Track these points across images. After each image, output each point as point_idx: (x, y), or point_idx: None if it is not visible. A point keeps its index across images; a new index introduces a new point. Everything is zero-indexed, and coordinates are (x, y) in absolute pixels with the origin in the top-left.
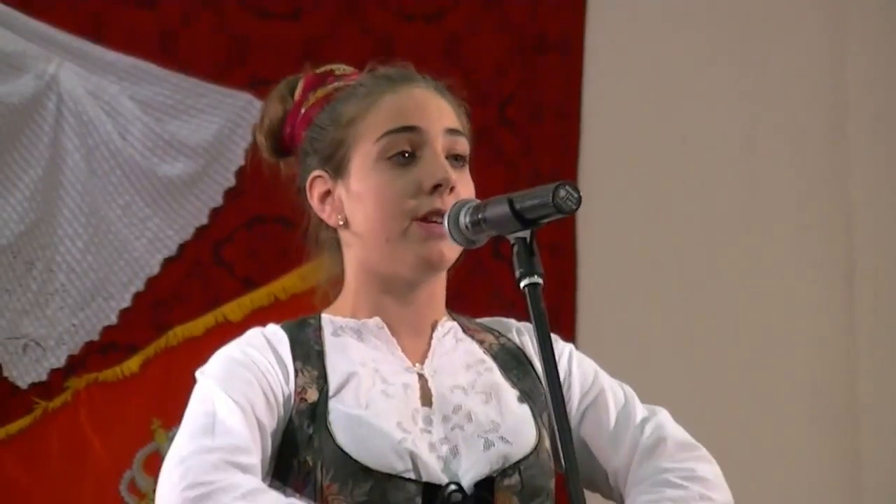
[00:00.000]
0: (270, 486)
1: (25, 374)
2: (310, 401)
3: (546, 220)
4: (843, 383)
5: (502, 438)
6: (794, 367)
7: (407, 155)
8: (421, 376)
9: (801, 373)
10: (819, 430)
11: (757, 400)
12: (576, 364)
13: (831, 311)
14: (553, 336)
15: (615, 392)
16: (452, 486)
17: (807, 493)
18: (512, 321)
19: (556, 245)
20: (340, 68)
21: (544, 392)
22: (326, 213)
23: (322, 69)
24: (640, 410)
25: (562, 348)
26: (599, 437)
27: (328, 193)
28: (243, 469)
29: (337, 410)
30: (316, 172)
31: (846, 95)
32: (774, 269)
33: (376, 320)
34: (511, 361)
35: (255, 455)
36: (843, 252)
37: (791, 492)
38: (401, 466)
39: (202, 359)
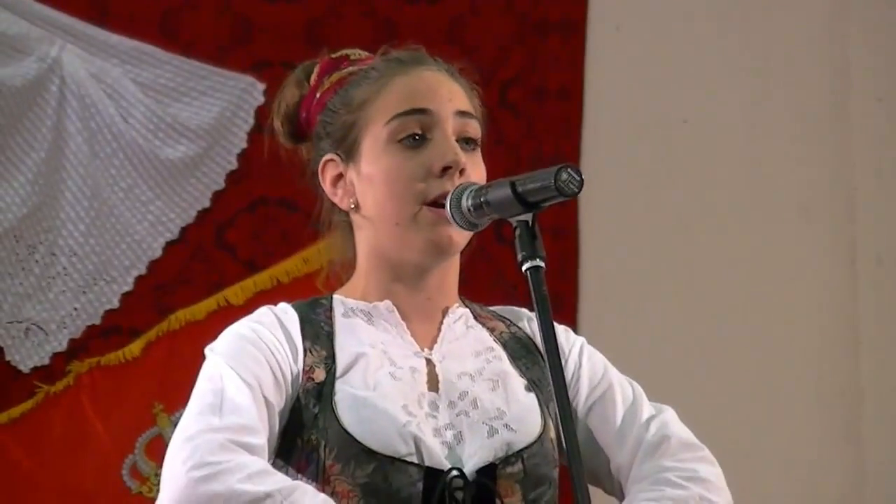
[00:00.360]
0: (274, 464)
1: (28, 358)
2: (317, 380)
3: (548, 204)
4: (846, 369)
5: (507, 426)
6: (797, 353)
7: (417, 137)
8: (429, 361)
9: (804, 358)
10: (822, 416)
11: (759, 386)
12: (586, 357)
13: (834, 296)
14: (565, 328)
15: (623, 388)
16: (454, 472)
17: (809, 477)
18: (524, 310)
19: (558, 228)
20: (356, 53)
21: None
22: (338, 197)
23: (337, 54)
24: (647, 408)
25: (573, 340)
26: (605, 433)
27: (340, 177)
28: (250, 449)
29: (343, 391)
30: (328, 156)
31: (849, 79)
32: (777, 253)
33: (387, 304)
34: (520, 350)
35: (262, 435)
36: (845, 236)
37: (793, 476)
38: (404, 450)
39: (204, 342)
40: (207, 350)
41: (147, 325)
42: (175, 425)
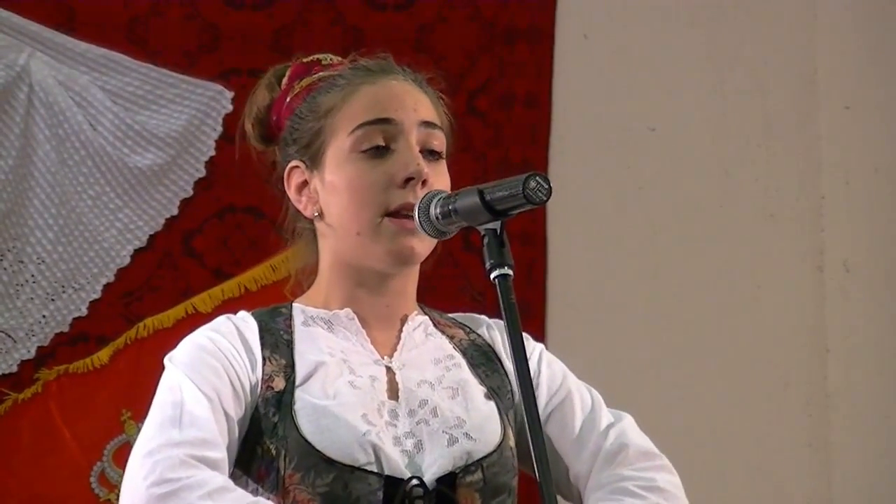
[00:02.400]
0: (233, 474)
1: None
2: (276, 389)
3: (516, 211)
4: (814, 376)
5: (467, 435)
6: (765, 360)
7: (380, 148)
8: (389, 369)
9: (772, 365)
10: (789, 423)
11: (727, 393)
12: (545, 364)
13: (801, 303)
14: (524, 335)
15: (582, 396)
16: (414, 481)
17: (777, 485)
18: (483, 317)
19: (526, 234)
20: (327, 58)
21: (511, 390)
22: (303, 204)
23: (309, 58)
24: (606, 416)
25: (532, 347)
26: (564, 440)
27: (305, 184)
28: (210, 464)
29: (303, 400)
30: (293, 162)
31: (816, 86)
32: (744, 261)
33: (347, 311)
34: (480, 357)
35: (221, 448)
36: (813, 244)
37: (761, 484)
38: (363, 459)
39: (172, 350)
40: (166, 360)
41: (115, 332)
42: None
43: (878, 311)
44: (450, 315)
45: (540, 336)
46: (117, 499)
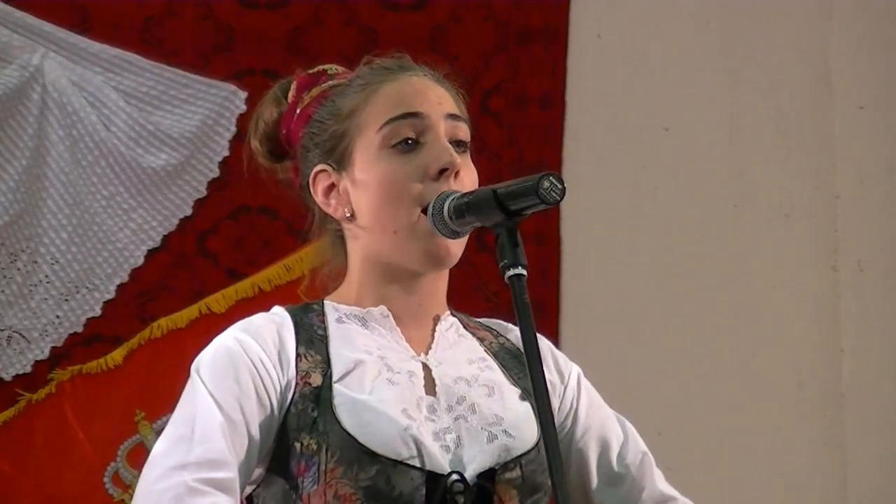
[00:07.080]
0: (265, 479)
1: (9, 366)
2: (314, 385)
3: (530, 211)
4: (828, 375)
5: (505, 432)
6: (779, 359)
7: (410, 142)
8: (425, 365)
9: (786, 364)
10: (804, 422)
11: (742, 392)
12: (584, 391)
13: (815, 302)
14: (562, 355)
15: (616, 432)
16: (455, 476)
17: (791, 483)
18: (510, 324)
19: (541, 234)
20: (332, 68)
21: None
22: (332, 207)
23: (314, 70)
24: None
25: (570, 368)
26: (593, 472)
27: (332, 187)
28: (219, 485)
29: (342, 394)
30: (319, 167)
31: (831, 86)
32: (759, 260)
33: (381, 309)
34: (511, 361)
35: (232, 467)
36: (827, 243)
37: (776, 483)
38: (406, 453)
39: (186, 350)
40: (193, 366)
41: (129, 332)
42: (157, 433)
43: (892, 311)
44: (477, 319)
45: (554, 336)
46: (131, 499)
